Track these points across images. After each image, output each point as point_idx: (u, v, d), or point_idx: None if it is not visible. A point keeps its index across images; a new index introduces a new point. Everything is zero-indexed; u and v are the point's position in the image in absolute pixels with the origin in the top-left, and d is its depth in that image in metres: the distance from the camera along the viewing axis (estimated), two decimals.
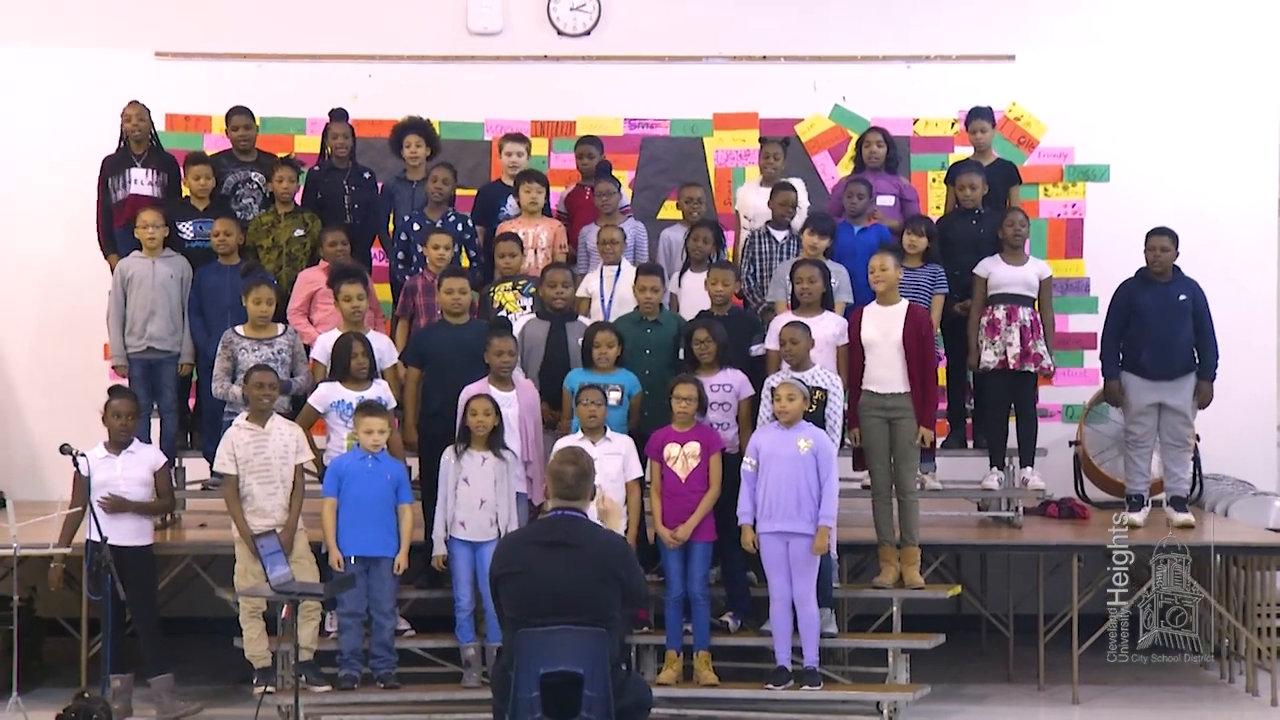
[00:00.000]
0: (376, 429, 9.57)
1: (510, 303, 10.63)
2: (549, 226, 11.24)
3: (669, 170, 12.99)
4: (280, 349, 10.36)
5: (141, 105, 11.60)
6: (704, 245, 10.88)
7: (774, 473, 9.52)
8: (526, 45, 13.16)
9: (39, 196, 12.81)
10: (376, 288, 11.11)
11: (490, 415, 9.60)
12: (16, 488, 11.89)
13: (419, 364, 10.25)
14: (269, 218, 11.29)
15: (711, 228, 11.04)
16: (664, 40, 13.09)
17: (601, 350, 9.93)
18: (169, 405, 11.14)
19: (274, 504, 9.65)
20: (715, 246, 10.96)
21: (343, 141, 11.61)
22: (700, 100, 13.06)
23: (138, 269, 11.03)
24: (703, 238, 10.89)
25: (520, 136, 11.96)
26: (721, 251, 11.15)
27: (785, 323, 10.00)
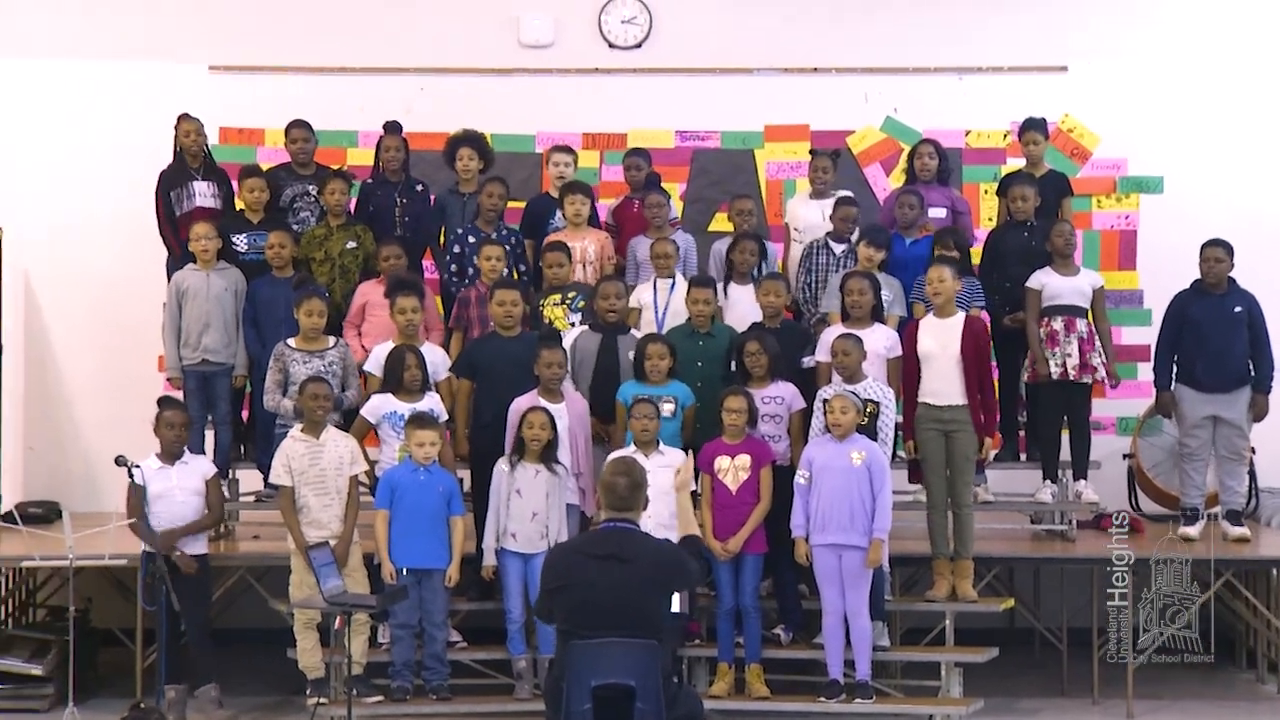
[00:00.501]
0: (428, 441, 9.61)
1: (559, 318, 10.67)
2: (596, 239, 11.26)
3: (720, 182, 13.00)
4: (331, 361, 10.40)
5: (196, 119, 11.67)
6: (750, 257, 10.90)
7: (827, 485, 9.52)
8: (578, 58, 13.21)
9: (95, 209, 12.90)
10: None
11: (546, 429, 9.64)
12: (72, 499, 11.93)
13: (470, 376, 10.29)
14: (321, 230, 11.35)
15: (756, 239, 11.06)
16: (715, 52, 13.12)
17: (654, 362, 9.94)
18: (223, 417, 11.20)
19: (330, 515, 9.69)
20: (760, 258, 10.98)
21: (395, 154, 11.66)
22: (751, 112, 13.08)
23: (192, 281, 11.10)
24: (749, 250, 10.91)
25: (567, 148, 12.00)
26: (766, 263, 11.17)
27: (837, 335, 9.99)
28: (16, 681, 10.65)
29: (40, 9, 13.09)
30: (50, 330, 13.07)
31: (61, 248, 12.96)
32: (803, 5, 13.18)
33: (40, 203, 12.94)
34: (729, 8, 13.21)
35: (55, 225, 12.95)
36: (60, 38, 13.09)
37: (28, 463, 12.93)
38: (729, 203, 11.91)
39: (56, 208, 12.96)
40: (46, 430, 12.99)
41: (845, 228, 11.19)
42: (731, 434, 9.76)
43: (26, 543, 9.99)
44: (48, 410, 13.03)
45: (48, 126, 13.09)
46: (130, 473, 9.52)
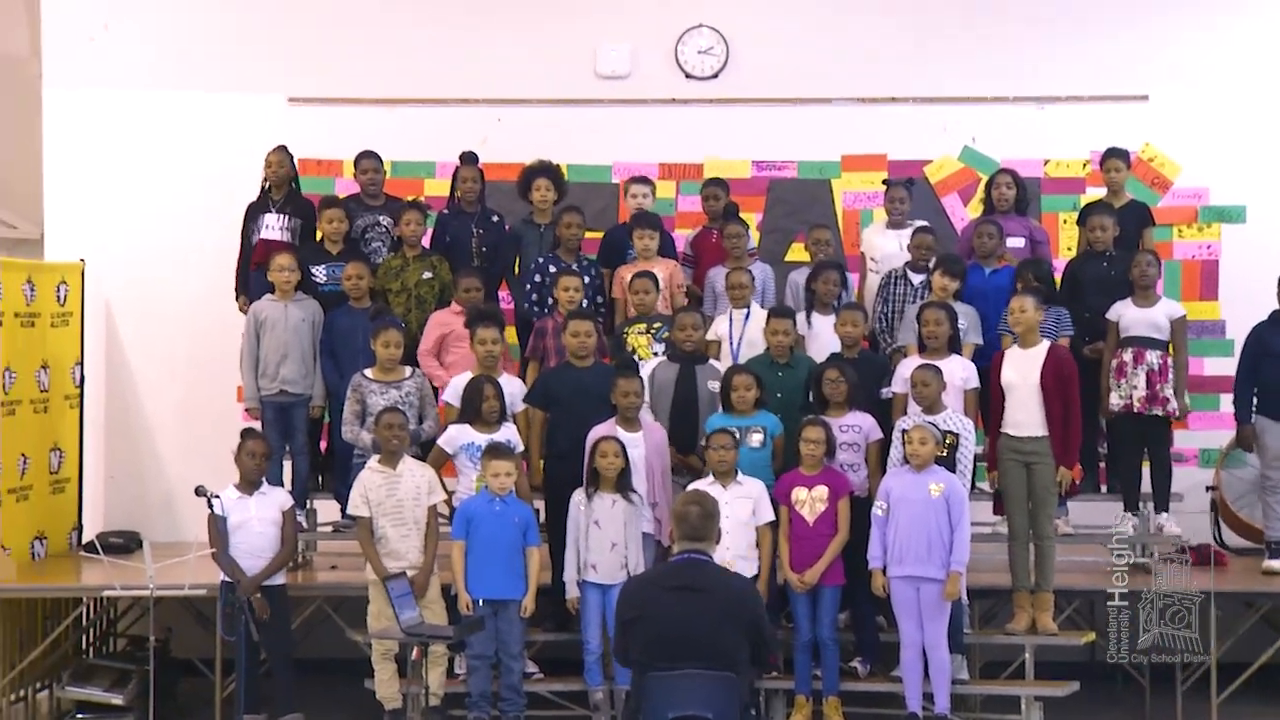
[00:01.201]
0: (504, 471, 9.63)
1: (643, 347, 10.72)
2: (665, 268, 11.28)
3: (796, 212, 12.98)
4: (408, 392, 10.46)
5: (284, 151, 11.81)
6: (832, 287, 10.91)
7: (905, 517, 9.51)
8: (654, 88, 13.23)
9: (175, 240, 13.01)
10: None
11: (619, 457, 9.66)
12: (153, 529, 12.02)
13: (544, 406, 10.34)
14: (398, 261, 11.42)
15: (837, 269, 11.07)
16: (792, 82, 13.10)
17: (740, 393, 9.97)
18: (301, 447, 11.29)
19: (408, 546, 9.73)
20: (842, 288, 11.00)
21: (472, 185, 11.71)
22: (828, 142, 13.07)
23: (270, 312, 11.20)
24: (831, 279, 10.92)
25: (645, 179, 12.07)
26: (848, 293, 11.17)
27: (916, 366, 9.99)
28: (97, 711, 10.78)
29: (119, 42, 13.24)
30: (131, 361, 13.19)
31: (142, 279, 13.07)
32: (881, 35, 13.18)
33: (121, 234, 13.06)
34: (806, 38, 13.21)
35: (136, 257, 13.06)
36: (139, 70, 13.23)
37: (109, 493, 13.04)
38: (805, 232, 11.94)
39: (138, 239, 13.07)
40: (127, 460, 13.12)
41: (923, 256, 11.19)
42: (809, 465, 9.77)
43: (107, 572, 10.08)
44: (129, 441, 13.15)
45: (128, 158, 13.21)
46: (210, 503, 9.59)
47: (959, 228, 12.59)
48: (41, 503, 11.97)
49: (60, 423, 12.31)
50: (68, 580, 11.48)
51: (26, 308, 11.82)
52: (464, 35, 13.30)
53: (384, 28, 13.28)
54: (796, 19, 13.27)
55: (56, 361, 12.21)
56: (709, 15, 13.25)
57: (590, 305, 11.07)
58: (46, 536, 11.96)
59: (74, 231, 13.03)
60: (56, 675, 11.29)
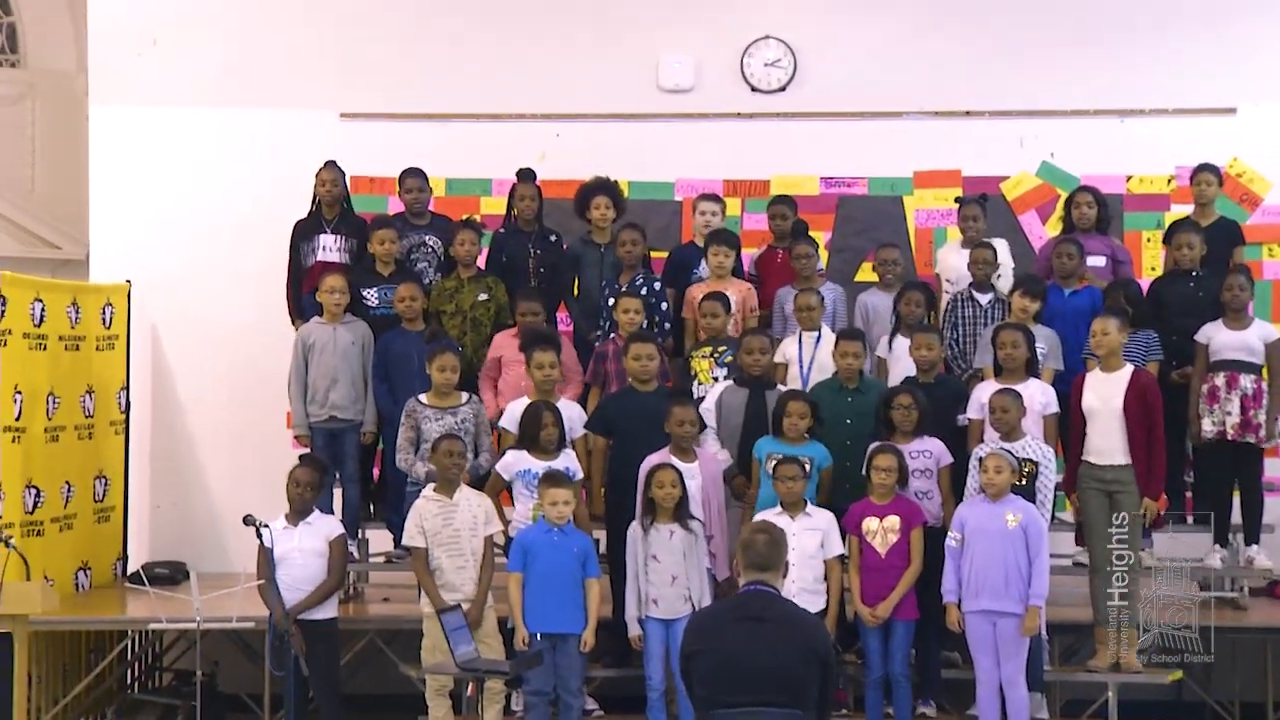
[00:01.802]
0: (561, 500, 9.61)
1: (704, 371, 10.73)
2: (738, 289, 11.29)
3: (866, 231, 12.97)
4: (464, 418, 10.44)
5: (336, 168, 11.85)
6: (916, 309, 10.89)
7: (981, 548, 9.46)
8: (719, 102, 13.25)
9: (224, 260, 13.11)
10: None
11: (676, 486, 9.63)
12: (199, 559, 12.07)
13: (606, 432, 10.35)
14: (452, 283, 11.44)
15: (922, 289, 11.05)
16: (862, 96, 13.09)
17: (793, 420, 9.95)
18: (351, 475, 11.30)
19: (464, 578, 9.67)
20: (927, 309, 10.98)
21: (529, 203, 11.72)
22: (900, 157, 13.06)
23: (319, 335, 11.23)
24: (914, 300, 10.90)
25: (715, 196, 12.08)
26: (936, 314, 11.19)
27: (995, 391, 9.95)
28: None
29: (167, 57, 13.32)
30: (178, 386, 13.28)
31: (190, 301, 13.17)
32: (955, 46, 13.15)
33: (168, 255, 13.15)
34: (877, 49, 13.20)
35: (183, 278, 13.16)
36: (187, 85, 13.32)
37: (154, 521, 13.13)
38: (875, 252, 11.94)
39: (185, 260, 13.17)
40: (174, 489, 13.20)
41: (981, 272, 11.17)
42: (880, 494, 9.75)
43: (152, 604, 10.12)
44: (175, 468, 13.24)
45: (175, 176, 13.31)
46: (258, 533, 9.58)
47: (1037, 247, 12.54)
48: (85, 532, 12.06)
49: (105, 449, 12.42)
50: (112, 612, 11.55)
51: (71, 331, 11.92)
52: (521, 48, 13.35)
53: (439, 41, 13.35)
54: (867, 30, 13.28)
55: (101, 386, 12.31)
56: (776, 26, 13.25)
57: (655, 327, 11.05)
58: (90, 567, 12.06)
59: (120, 252, 13.14)
60: (101, 711, 11.39)
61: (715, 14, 13.38)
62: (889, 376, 10.87)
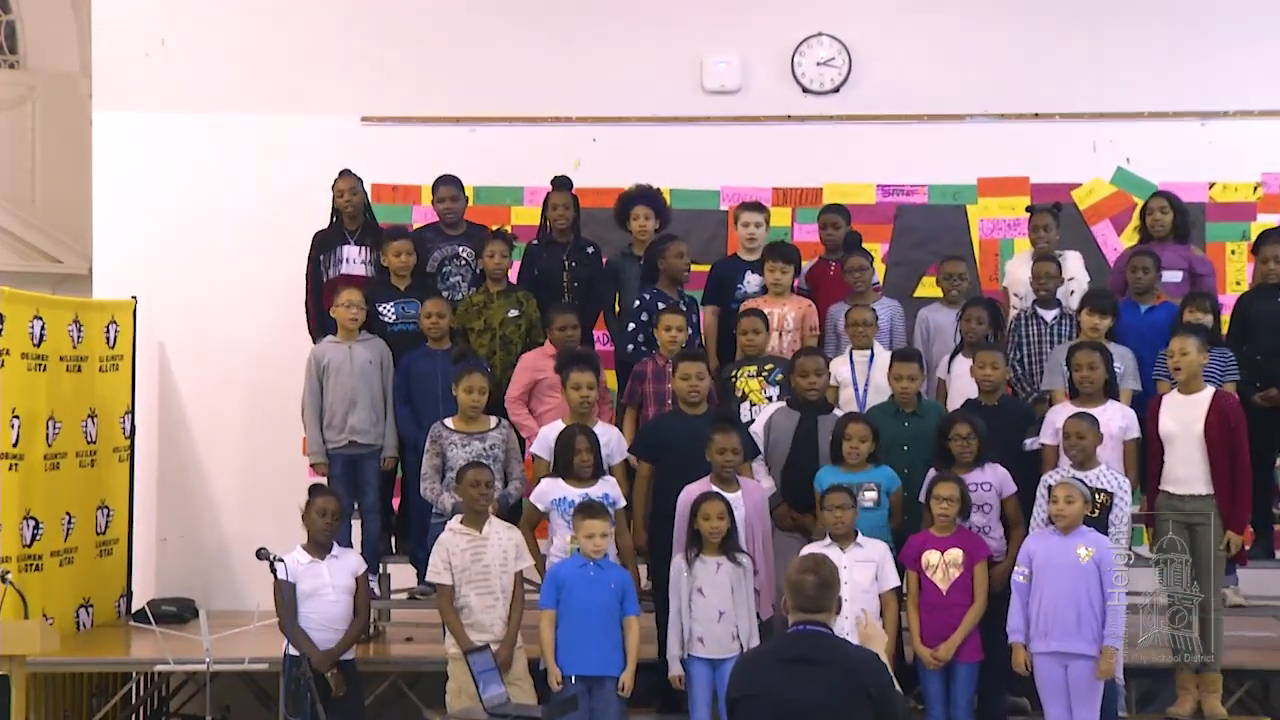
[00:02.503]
0: (598, 532, 9.58)
1: (754, 391, 10.73)
2: (797, 306, 11.31)
3: (927, 242, 13.02)
4: (492, 444, 10.43)
5: (354, 176, 11.89)
6: (978, 326, 10.88)
7: (1050, 585, 9.44)
8: (768, 104, 13.29)
9: (237, 275, 13.21)
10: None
11: (723, 519, 9.62)
12: (209, 596, 12.14)
13: (650, 458, 10.35)
14: (480, 298, 11.46)
15: (987, 306, 11.05)
16: (922, 97, 13.15)
17: (853, 444, 9.96)
18: (371, 506, 11.33)
19: (493, 617, 9.64)
20: (992, 327, 10.97)
21: (564, 213, 11.74)
22: (963, 163, 13.08)
23: (333, 355, 11.23)
24: (976, 318, 10.91)
25: (758, 205, 12.03)
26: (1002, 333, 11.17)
27: (1070, 415, 9.91)
28: None
29: (176, 58, 13.40)
30: (187, 409, 13.37)
31: (200, 319, 13.26)
32: (1023, 44, 13.19)
33: (177, 269, 13.24)
34: (938, 47, 13.24)
35: (193, 294, 13.25)
36: (198, 89, 13.40)
37: (160, 555, 13.20)
38: (938, 265, 11.94)
39: (195, 275, 13.26)
40: (182, 519, 13.27)
41: (1043, 286, 11.17)
42: (941, 526, 9.75)
43: (159, 644, 10.17)
44: (183, 498, 13.32)
45: (185, 185, 13.40)
46: (273, 567, 9.52)
47: (1111, 259, 12.53)
48: (87, 566, 12.13)
49: (108, 478, 12.49)
50: (116, 653, 11.61)
51: (73, 350, 12.00)
52: (555, 47, 13.43)
53: (467, 40, 13.43)
54: (927, 26, 13.32)
55: (105, 410, 12.39)
56: (829, 23, 13.30)
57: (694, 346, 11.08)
58: (93, 604, 12.14)
59: (125, 266, 13.23)
60: None
61: (764, 10, 13.41)
62: (948, 399, 10.88)
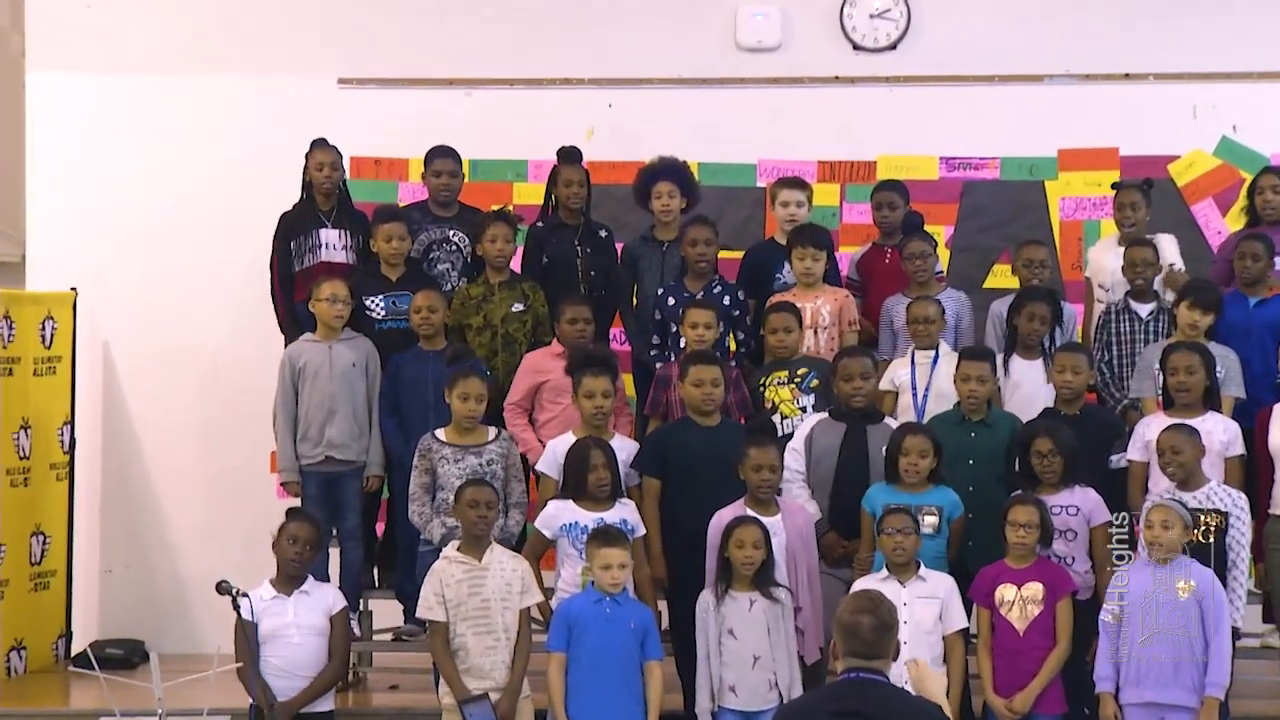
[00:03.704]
0: (616, 562, 9.56)
1: (786, 401, 10.73)
2: (832, 298, 11.30)
3: (999, 225, 13.04)
4: (490, 459, 10.42)
5: (331, 148, 11.84)
6: (1038, 324, 10.89)
7: (1144, 625, 9.41)
8: (813, 64, 13.28)
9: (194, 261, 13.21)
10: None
11: (759, 547, 9.60)
12: (162, 636, 12.14)
13: (660, 474, 10.32)
14: (479, 289, 11.44)
15: (1046, 298, 11.05)
16: (992, 55, 13.14)
17: (911, 460, 9.92)
18: (352, 531, 11.29)
19: (494, 661, 9.63)
20: (1053, 323, 10.98)
21: (575, 190, 11.73)
22: (1041, 132, 13.06)
23: (311, 356, 11.18)
24: (1036, 313, 10.91)
25: (798, 181, 12.00)
26: (1062, 330, 11.16)
27: (1166, 427, 9.90)
28: None
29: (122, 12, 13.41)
30: (136, 419, 13.38)
31: (151, 314, 13.25)
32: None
33: (124, 256, 13.26)
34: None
35: (143, 284, 13.26)
36: (147, 48, 13.40)
37: (105, 589, 13.22)
38: (1012, 251, 11.94)
39: (146, 262, 13.25)
40: (129, 547, 13.28)
41: (1139, 276, 11.17)
42: (1018, 556, 9.70)
43: (103, 693, 10.11)
44: (132, 521, 13.31)
45: (134, 158, 13.40)
46: (236, 604, 9.48)
47: (1214, 244, 12.52)
48: (20, 603, 12.15)
49: (44, 499, 12.50)
50: (54, 702, 11.64)
51: (3, 350, 12.02)
52: None
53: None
54: None
55: (40, 420, 12.40)
56: None
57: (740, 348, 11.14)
58: (26, 646, 12.16)
59: (64, 253, 13.27)
60: None
61: None
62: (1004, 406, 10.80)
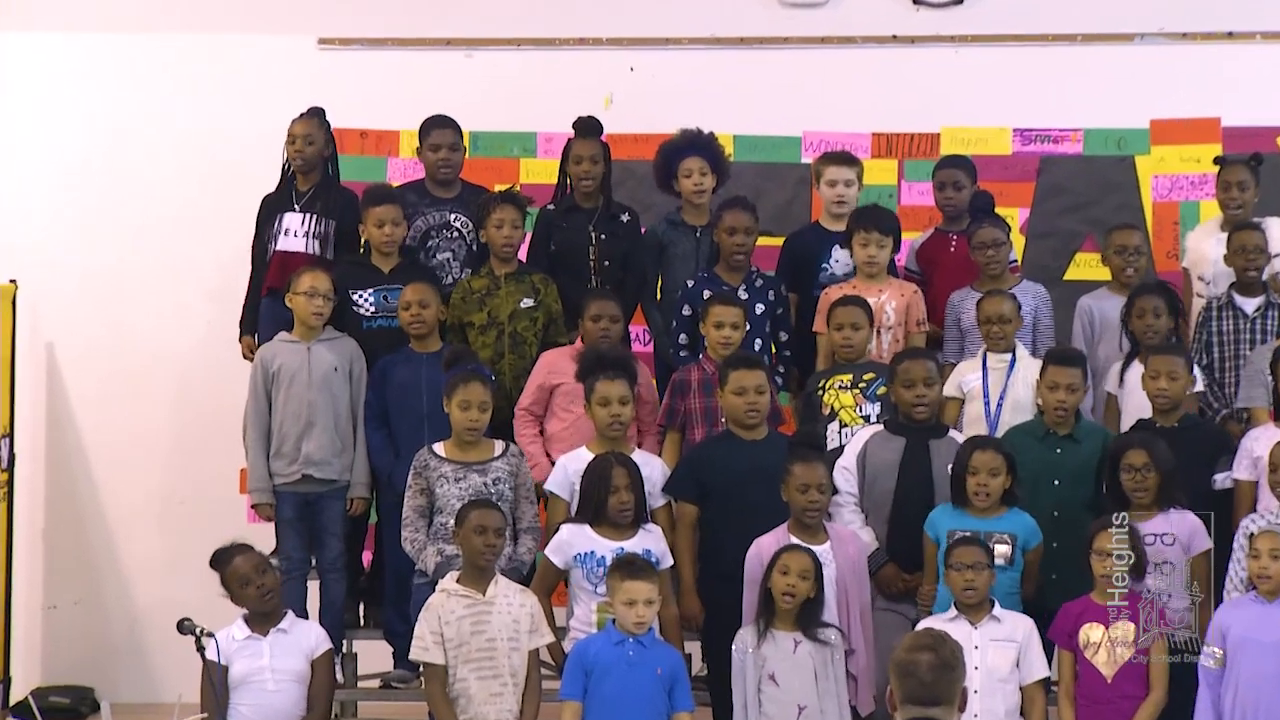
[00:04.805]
0: (643, 598, 9.51)
1: (848, 409, 10.73)
2: (898, 292, 11.30)
3: (1083, 206, 13.04)
4: (496, 477, 10.41)
5: (315, 119, 11.83)
6: (1155, 320, 10.85)
7: (1250, 670, 9.41)
8: (865, 20, 13.31)
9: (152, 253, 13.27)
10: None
11: (806, 579, 9.57)
12: (114, 682, 12.18)
13: (696, 498, 10.32)
14: (482, 282, 11.45)
15: (1162, 293, 11.02)
16: (1076, 10, 13.19)
17: (981, 479, 9.89)
18: (334, 561, 11.28)
19: (499, 710, 9.63)
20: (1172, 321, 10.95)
21: (590, 167, 11.74)
22: (1131, 100, 13.08)
23: (287, 358, 11.19)
24: (1152, 309, 10.88)
25: (847, 157, 12.00)
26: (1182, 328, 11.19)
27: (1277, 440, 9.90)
28: None
29: None
30: (84, 431, 13.42)
31: (102, 310, 13.31)
32: None
33: (71, 246, 13.31)
34: None
35: (94, 276, 13.32)
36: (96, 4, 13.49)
37: (49, 627, 13.25)
38: (1098, 237, 11.94)
39: (96, 251, 13.31)
40: (77, 580, 13.31)
41: (1247, 267, 11.16)
42: (1107, 590, 9.69)
43: None
44: (80, 551, 13.34)
45: (83, 131, 13.46)
46: (200, 645, 9.49)
47: None
48: None
49: None
50: None
51: None
52: None
53: None
54: None
55: None
56: None
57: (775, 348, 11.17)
58: None
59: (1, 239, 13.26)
60: None
61: None
62: (1120, 420, 10.82)
